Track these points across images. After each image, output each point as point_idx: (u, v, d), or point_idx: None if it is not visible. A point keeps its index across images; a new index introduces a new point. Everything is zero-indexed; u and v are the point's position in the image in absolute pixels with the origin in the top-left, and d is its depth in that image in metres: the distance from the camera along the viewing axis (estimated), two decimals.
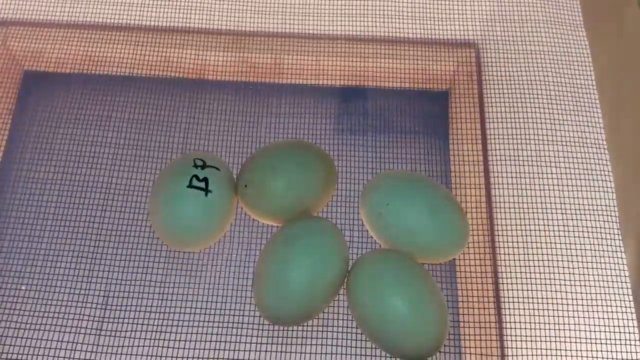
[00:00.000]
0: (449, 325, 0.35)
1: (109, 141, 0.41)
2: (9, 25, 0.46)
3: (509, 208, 0.40)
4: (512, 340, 0.36)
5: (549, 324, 0.36)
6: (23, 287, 0.36)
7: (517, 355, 0.36)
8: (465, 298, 0.37)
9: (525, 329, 0.36)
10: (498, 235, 0.39)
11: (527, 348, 0.36)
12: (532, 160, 0.41)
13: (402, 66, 0.45)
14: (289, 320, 0.34)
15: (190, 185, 0.34)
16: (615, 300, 0.37)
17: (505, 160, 0.41)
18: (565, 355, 0.36)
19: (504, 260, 0.38)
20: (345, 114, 0.43)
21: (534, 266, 0.38)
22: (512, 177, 0.40)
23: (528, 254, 0.38)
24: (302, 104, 0.43)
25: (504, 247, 0.38)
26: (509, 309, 0.37)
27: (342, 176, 0.40)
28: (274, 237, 0.35)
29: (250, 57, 0.45)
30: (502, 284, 0.37)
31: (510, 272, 0.38)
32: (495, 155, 0.41)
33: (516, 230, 0.39)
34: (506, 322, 0.36)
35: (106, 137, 0.41)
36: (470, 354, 0.36)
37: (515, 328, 0.36)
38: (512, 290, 0.37)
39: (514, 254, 0.38)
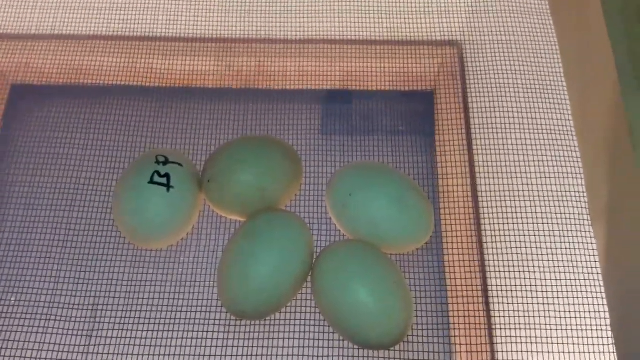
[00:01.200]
0: (414, 314, 0.35)
1: (94, 144, 0.41)
2: None
3: (493, 196, 0.39)
4: (500, 329, 0.36)
5: (531, 311, 0.36)
6: (12, 299, 0.36)
7: (504, 343, 0.35)
8: (453, 282, 0.37)
9: (511, 317, 0.36)
10: (484, 224, 0.39)
11: (514, 337, 0.35)
12: (514, 150, 0.41)
13: (385, 68, 0.45)
14: (254, 314, 0.34)
15: (151, 182, 0.34)
16: (586, 285, 0.37)
17: (490, 150, 0.41)
18: (542, 343, 0.35)
19: (490, 247, 0.38)
20: (329, 117, 0.43)
21: (517, 254, 0.38)
22: (495, 166, 0.40)
23: (511, 241, 0.38)
24: (284, 108, 0.44)
25: (489, 236, 0.38)
26: (496, 297, 0.37)
27: (324, 177, 0.40)
28: (238, 230, 0.35)
29: (231, 62, 0.45)
30: (489, 271, 0.37)
31: (495, 259, 0.38)
32: (480, 146, 0.41)
33: (499, 217, 0.39)
34: (493, 310, 0.36)
35: (87, 140, 0.42)
36: (459, 335, 0.36)
37: (502, 317, 0.36)
38: (498, 278, 0.37)
39: (499, 242, 0.38)
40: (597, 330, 0.36)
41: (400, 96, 0.44)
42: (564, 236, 0.38)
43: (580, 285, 0.37)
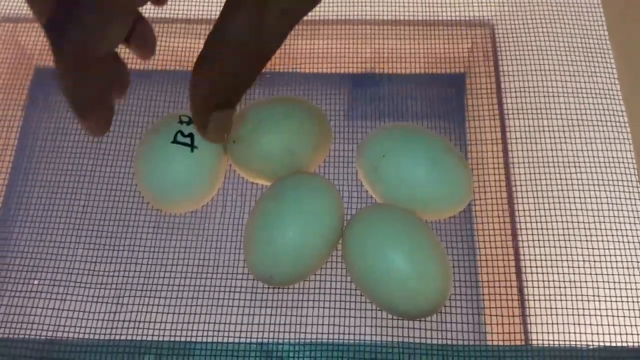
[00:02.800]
0: (452, 281, 0.33)
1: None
2: (19, 22, 0.45)
3: (526, 164, 0.38)
4: (532, 300, 0.34)
5: (568, 281, 0.34)
6: (35, 282, 0.35)
7: (537, 315, 0.34)
8: (485, 251, 0.36)
9: (545, 287, 0.34)
10: (516, 191, 0.37)
11: (547, 315, 0.33)
12: (553, 117, 0.39)
13: (414, 49, 0.43)
14: (281, 280, 0.32)
15: (174, 141, 0.33)
16: (632, 255, 0.34)
17: (521, 114, 0.39)
18: (585, 315, 0.33)
19: (523, 216, 0.36)
20: (357, 101, 0.41)
21: (552, 222, 0.36)
22: (528, 132, 0.39)
23: (546, 209, 0.36)
24: (312, 92, 0.42)
25: (522, 203, 0.37)
26: (529, 267, 0.35)
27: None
28: (265, 192, 0.34)
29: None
30: (521, 240, 0.36)
31: (529, 227, 0.36)
32: (511, 110, 0.40)
33: (535, 185, 0.37)
34: (526, 280, 0.35)
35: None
36: (491, 307, 0.34)
37: (535, 287, 0.34)
38: (531, 247, 0.35)
39: (531, 210, 0.36)
40: None
41: (430, 79, 0.42)
42: (610, 204, 0.36)
43: (627, 255, 0.35)
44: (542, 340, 0.33)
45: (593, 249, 0.35)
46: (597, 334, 0.33)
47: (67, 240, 0.36)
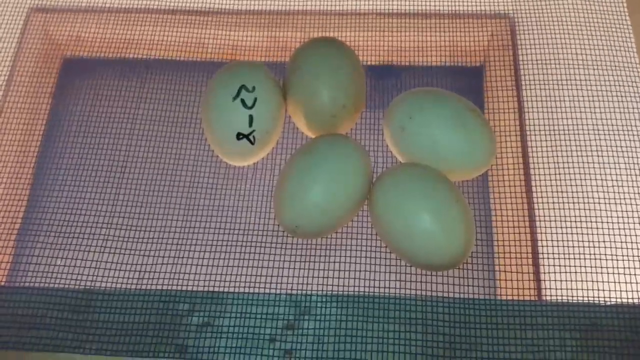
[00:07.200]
0: (476, 236, 0.35)
1: (142, 118, 0.41)
2: (49, 12, 0.47)
3: (542, 131, 0.39)
4: (546, 258, 0.35)
5: (583, 241, 0.35)
6: (59, 262, 0.36)
7: (550, 273, 0.35)
8: (500, 213, 0.37)
9: (559, 246, 0.35)
10: (532, 157, 0.38)
11: (561, 272, 0.34)
12: (565, 85, 0.40)
13: (433, 41, 0.44)
14: (305, 232, 0.34)
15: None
16: None
17: (538, 85, 0.40)
18: (597, 273, 0.34)
19: (538, 180, 0.37)
20: (376, 92, 0.43)
21: (568, 185, 0.37)
22: (544, 101, 0.40)
23: (561, 174, 0.37)
24: None
25: (537, 168, 0.38)
26: (543, 227, 0.36)
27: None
28: (298, 150, 0.35)
29: (278, 36, 0.45)
30: (536, 202, 0.37)
31: (544, 191, 0.37)
32: (528, 81, 0.41)
33: (550, 151, 0.38)
34: (541, 240, 0.36)
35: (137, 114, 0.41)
36: (504, 265, 0.35)
37: (549, 245, 0.35)
38: (546, 209, 0.36)
39: (547, 174, 0.37)
40: None
41: (448, 71, 0.43)
42: (627, 169, 0.37)
43: None
44: (555, 296, 0.34)
45: (607, 211, 0.36)
46: (609, 290, 0.34)
47: (106, 198, 0.37)
